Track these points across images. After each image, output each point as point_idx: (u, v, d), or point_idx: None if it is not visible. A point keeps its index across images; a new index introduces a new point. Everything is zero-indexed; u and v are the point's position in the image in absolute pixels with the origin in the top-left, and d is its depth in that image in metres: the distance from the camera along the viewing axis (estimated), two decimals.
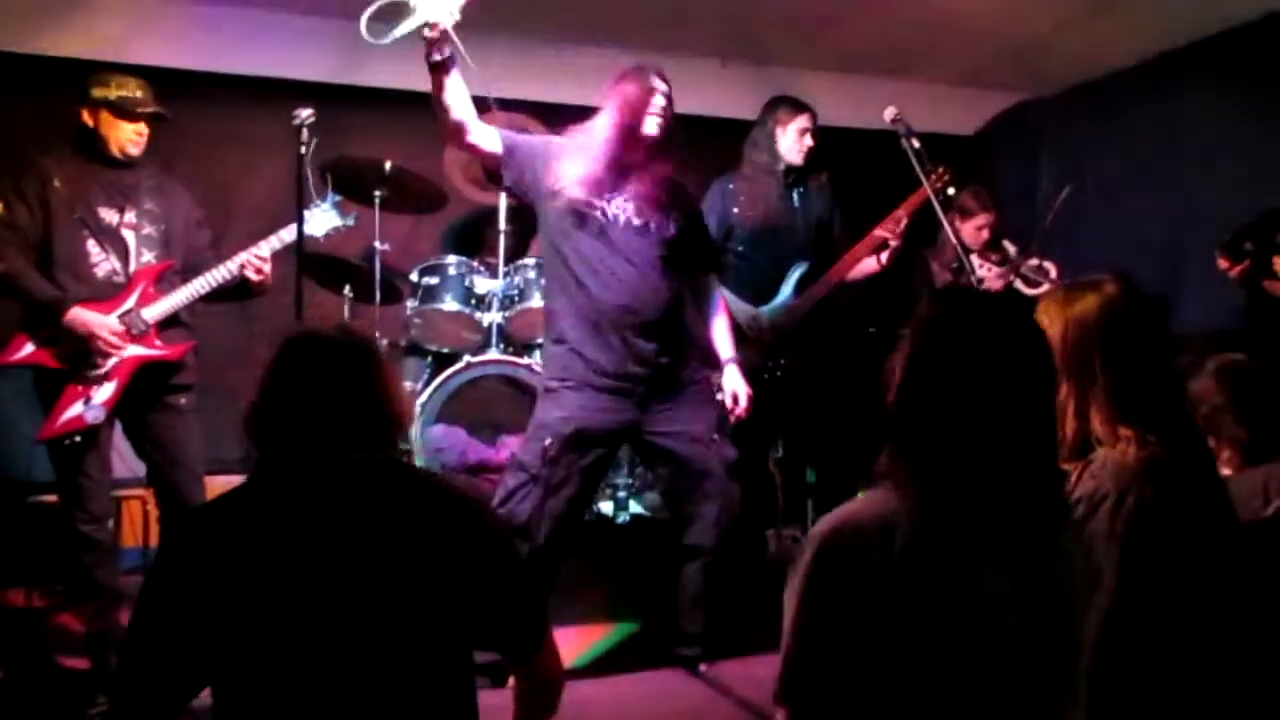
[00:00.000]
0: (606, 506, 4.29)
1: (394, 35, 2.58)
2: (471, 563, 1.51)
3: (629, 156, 2.87)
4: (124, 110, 3.05)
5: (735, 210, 3.87)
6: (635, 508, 4.27)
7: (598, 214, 2.85)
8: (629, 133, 2.85)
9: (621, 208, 2.88)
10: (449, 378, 4.02)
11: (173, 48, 4.37)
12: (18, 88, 4.30)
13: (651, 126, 2.87)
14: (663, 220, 2.94)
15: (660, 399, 2.93)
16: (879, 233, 3.67)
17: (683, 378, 2.98)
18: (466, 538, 1.53)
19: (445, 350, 4.26)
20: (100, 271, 3.05)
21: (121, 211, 3.09)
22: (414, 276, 4.20)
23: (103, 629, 3.07)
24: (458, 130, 2.81)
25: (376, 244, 3.92)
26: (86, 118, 3.06)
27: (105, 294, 3.04)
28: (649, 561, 3.60)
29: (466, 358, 4.08)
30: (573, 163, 2.89)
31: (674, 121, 2.94)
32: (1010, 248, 4.25)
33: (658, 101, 2.88)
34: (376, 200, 3.96)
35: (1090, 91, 5.22)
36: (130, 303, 3.05)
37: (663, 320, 2.91)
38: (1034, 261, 4.11)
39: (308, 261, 3.49)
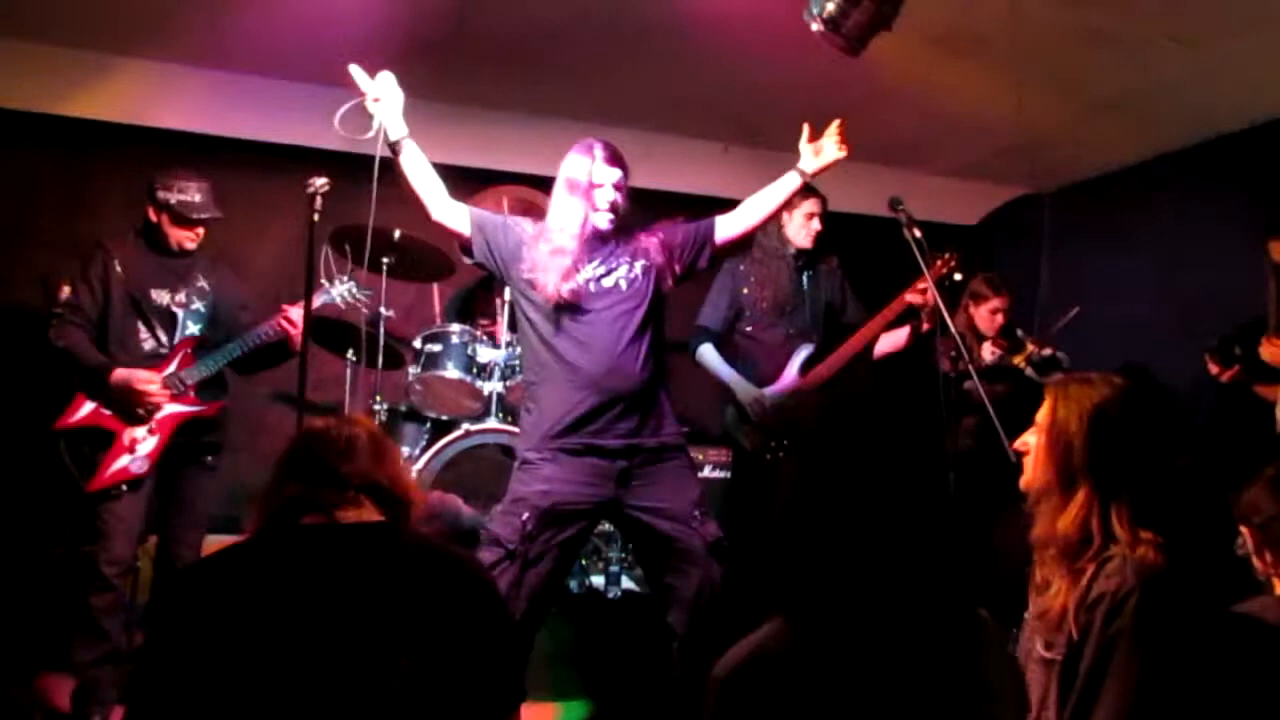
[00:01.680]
0: (598, 580, 4.26)
1: (371, 131, 2.89)
2: (463, 623, 1.52)
3: (589, 235, 2.87)
4: (181, 218, 3.37)
5: (745, 291, 3.94)
6: (627, 583, 4.24)
7: (567, 288, 2.81)
8: (584, 220, 2.85)
9: (590, 276, 2.84)
10: (446, 445, 4.03)
11: (191, 114, 4.49)
12: (37, 146, 4.42)
13: (602, 221, 2.87)
14: (630, 275, 2.89)
15: (640, 473, 2.84)
16: (895, 306, 3.77)
17: (663, 451, 2.89)
18: (460, 599, 1.54)
19: (445, 417, 4.27)
20: (146, 346, 3.38)
21: (174, 291, 3.42)
22: (417, 343, 4.24)
23: (92, 680, 3.09)
24: (423, 209, 2.91)
25: (382, 310, 3.96)
26: (151, 214, 3.39)
27: (148, 365, 3.33)
28: (635, 639, 3.55)
29: (465, 425, 4.10)
30: (538, 244, 2.88)
31: (628, 195, 2.92)
32: (1024, 337, 4.29)
33: (606, 194, 2.86)
34: (384, 267, 4.01)
35: (1091, 188, 5.33)
36: (171, 368, 3.35)
37: (641, 390, 2.84)
38: (1046, 351, 4.14)
39: (313, 324, 3.59)
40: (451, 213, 2.93)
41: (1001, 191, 5.77)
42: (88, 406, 3.30)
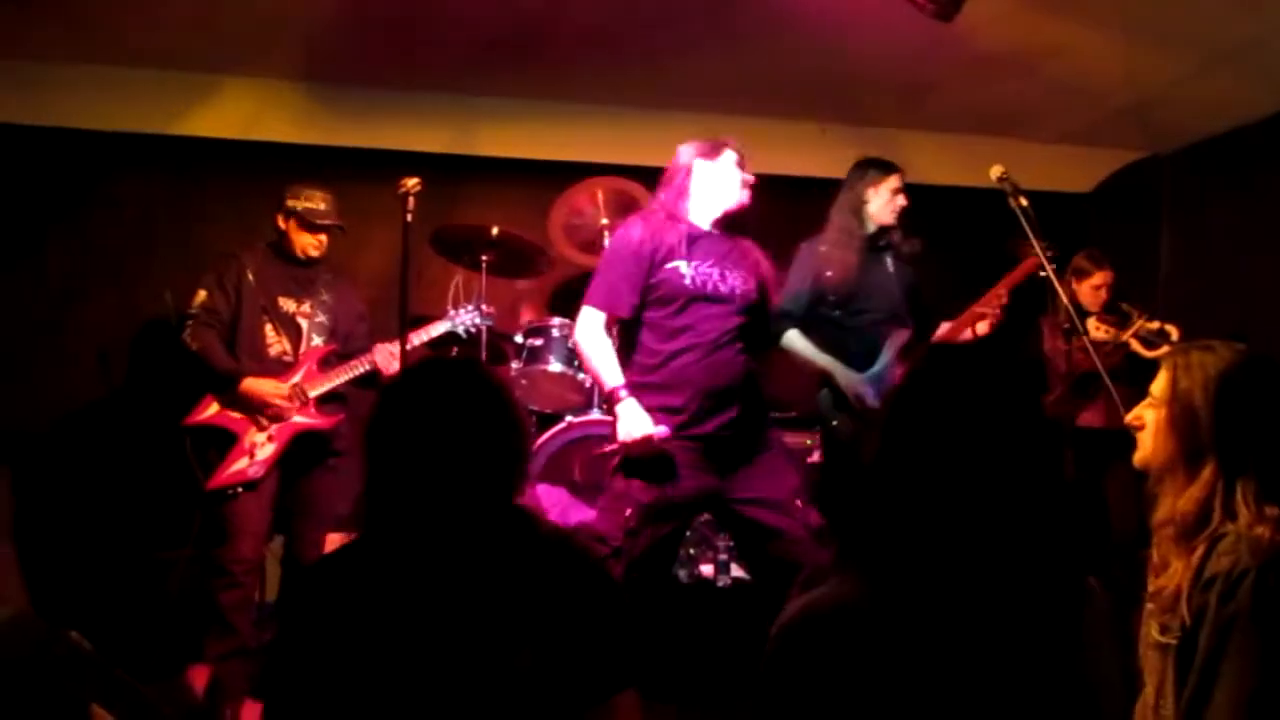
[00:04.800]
0: (708, 570, 4.24)
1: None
2: (577, 609, 1.53)
3: (712, 227, 2.91)
4: (307, 223, 3.56)
5: (828, 273, 3.72)
6: (736, 571, 4.21)
7: (680, 281, 2.83)
8: (716, 209, 2.90)
9: (705, 274, 2.86)
10: (551, 438, 4.08)
11: (295, 126, 4.64)
12: (154, 165, 4.63)
13: (733, 201, 2.93)
14: (744, 284, 2.93)
15: (740, 465, 2.86)
16: (978, 309, 3.60)
17: (761, 442, 2.91)
18: (574, 585, 1.55)
19: (548, 411, 4.33)
20: (272, 351, 3.54)
21: (299, 301, 3.60)
22: (519, 338, 4.29)
23: (223, 673, 3.23)
24: None
25: (483, 307, 4.03)
26: (280, 222, 3.59)
27: (274, 371, 3.51)
28: (746, 626, 3.51)
29: (569, 418, 4.14)
30: (657, 237, 2.89)
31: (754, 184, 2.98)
32: (1130, 310, 4.11)
33: (741, 177, 2.93)
34: (484, 265, 4.09)
35: (1213, 148, 5.03)
36: (297, 378, 3.52)
37: (740, 384, 2.86)
38: (1154, 324, 3.97)
39: (418, 325, 3.71)
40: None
41: (1118, 156, 5.51)
42: (214, 407, 3.48)
